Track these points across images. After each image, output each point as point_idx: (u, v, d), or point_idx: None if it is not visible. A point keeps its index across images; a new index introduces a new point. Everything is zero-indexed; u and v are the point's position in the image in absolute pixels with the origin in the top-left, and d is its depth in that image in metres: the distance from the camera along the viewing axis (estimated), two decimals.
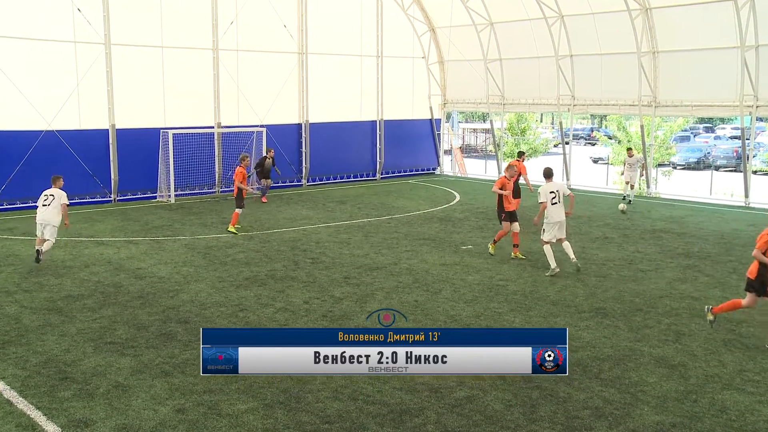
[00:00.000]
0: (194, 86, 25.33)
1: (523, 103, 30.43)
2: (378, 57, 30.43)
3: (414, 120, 32.36)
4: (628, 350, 9.87)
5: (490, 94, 30.80)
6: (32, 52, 22.03)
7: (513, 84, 30.22)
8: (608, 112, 31.64)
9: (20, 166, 21.97)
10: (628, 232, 18.71)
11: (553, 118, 74.33)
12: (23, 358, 9.42)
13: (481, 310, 11.68)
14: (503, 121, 35.31)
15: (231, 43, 25.94)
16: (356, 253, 15.95)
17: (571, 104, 28.34)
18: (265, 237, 17.89)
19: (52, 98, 22.44)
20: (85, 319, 11.10)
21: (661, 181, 33.23)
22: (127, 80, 23.72)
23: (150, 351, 9.70)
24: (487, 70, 30.46)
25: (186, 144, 24.67)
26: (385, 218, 20.89)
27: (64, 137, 22.67)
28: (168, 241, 17.41)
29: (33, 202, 22.10)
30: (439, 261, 15.28)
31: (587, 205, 23.38)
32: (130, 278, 13.70)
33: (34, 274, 13.95)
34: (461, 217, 21.03)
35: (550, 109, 31.40)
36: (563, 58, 27.83)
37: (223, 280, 13.56)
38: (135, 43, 23.85)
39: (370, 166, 31.15)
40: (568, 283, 13.49)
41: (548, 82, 28.61)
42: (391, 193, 26.40)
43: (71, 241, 17.17)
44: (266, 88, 27.03)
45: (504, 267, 14.74)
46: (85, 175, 23.24)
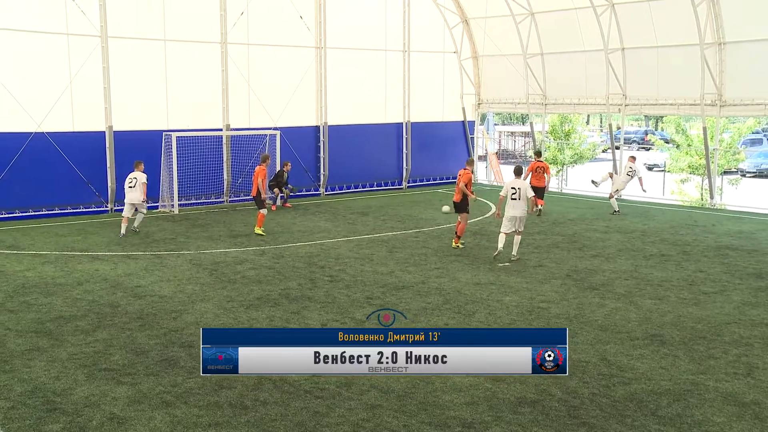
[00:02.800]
0: (200, 84, 25.54)
1: (568, 103, 30.29)
2: (404, 52, 30.49)
3: (444, 122, 32.34)
4: (690, 384, 9.69)
5: (530, 93, 30.70)
6: (19, 44, 22.29)
7: (556, 82, 30.10)
8: (665, 113, 31.29)
9: (5, 172, 22.22)
10: (688, 249, 18.49)
11: (602, 119, 73.88)
12: (7, 386, 9.47)
13: None
14: (545, 124, 35.14)
15: (241, 37, 26.13)
16: (380, 271, 15.91)
17: (622, 104, 28.14)
18: (278, 252, 17.91)
19: (42, 97, 22.68)
20: (78, 343, 11.16)
21: (728, 191, 32.78)
22: (126, 77, 23.95)
23: (149, 379, 9.71)
24: (527, 66, 30.37)
25: (191, 148, 24.84)
26: (412, 232, 20.84)
27: (55, 140, 22.91)
28: (171, 256, 17.50)
29: (21, 212, 22.53)
30: (472, 280, 15.19)
31: (641, 218, 23.15)
32: (128, 297, 13.76)
33: (20, 292, 14.08)
34: (497, 231, 20.84)
35: (598, 110, 31.18)
36: (613, 52, 27.65)
37: (232, 300, 13.59)
38: (135, 36, 24.09)
39: (395, 173, 31.14)
40: (619, 306, 13.33)
41: (596, 79, 28.44)
42: (419, 204, 26.35)
43: (62, 256, 17.33)
44: (280, 86, 27.18)
45: (545, 287, 14.62)
46: (79, 182, 23.48)
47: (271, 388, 9.28)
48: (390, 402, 8.96)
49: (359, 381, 9.48)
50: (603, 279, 15.30)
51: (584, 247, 18.60)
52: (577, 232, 20.75)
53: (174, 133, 24.11)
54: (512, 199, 16.64)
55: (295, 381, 9.47)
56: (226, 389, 9.25)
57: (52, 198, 23.12)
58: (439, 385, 9.42)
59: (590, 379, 9.74)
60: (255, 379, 9.49)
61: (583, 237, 20.05)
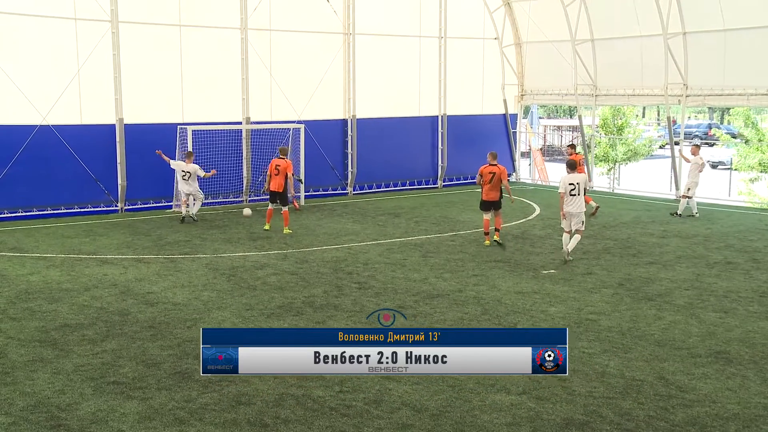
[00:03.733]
0: (218, 74, 25.72)
1: (621, 94, 30.03)
2: (441, 38, 30.46)
3: (484, 115, 32.26)
4: (762, 408, 9.51)
5: (579, 83, 30.49)
6: (23, 30, 22.55)
7: (608, 70, 29.87)
8: (732, 104, 30.89)
9: (7, 169, 22.51)
10: (758, 256, 18.21)
11: (659, 112, 73.33)
12: (8, 400, 9.56)
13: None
14: (595, 117, 34.90)
15: (263, 22, 26.28)
16: (412, 278, 15.88)
17: (682, 94, 27.81)
18: (302, 256, 17.96)
19: (48, 86, 22.96)
20: (84, 354, 11.24)
21: None
22: (138, 66, 24.20)
23: (162, 393, 9.76)
24: (576, 54, 30.17)
25: (208, 143, 25.00)
26: (448, 235, 20.79)
27: (61, 133, 23.18)
28: (185, 260, 17.62)
29: (24, 211, 22.82)
30: (513, 288, 15.10)
31: (704, 222, 22.86)
32: (139, 304, 13.86)
33: (23, 298, 14.24)
34: (542, 235, 20.79)
35: (656, 101, 30.90)
36: (674, 37, 27.33)
37: (252, 308, 13.63)
38: (147, 21, 24.33)
39: (429, 171, 31.12)
40: (679, 319, 13.15)
41: (653, 68, 28.15)
42: (456, 205, 26.28)
43: (69, 259, 17.52)
44: (305, 76, 27.29)
45: (595, 297, 14.48)
46: (87, 179, 23.74)
47: (293, 405, 9.28)
48: (423, 421, 8.91)
49: (389, 398, 9.45)
50: (660, 289, 15.12)
51: (639, 253, 18.40)
52: (631, 237, 20.56)
53: (189, 126, 24.24)
54: (571, 195, 17.15)
55: (320, 397, 9.47)
56: (245, 405, 9.27)
57: (57, 196, 23.40)
58: (477, 403, 9.35)
59: (646, 400, 9.60)
60: (276, 395, 9.50)
61: (638, 242, 19.84)
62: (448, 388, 9.77)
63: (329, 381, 9.93)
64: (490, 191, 18.93)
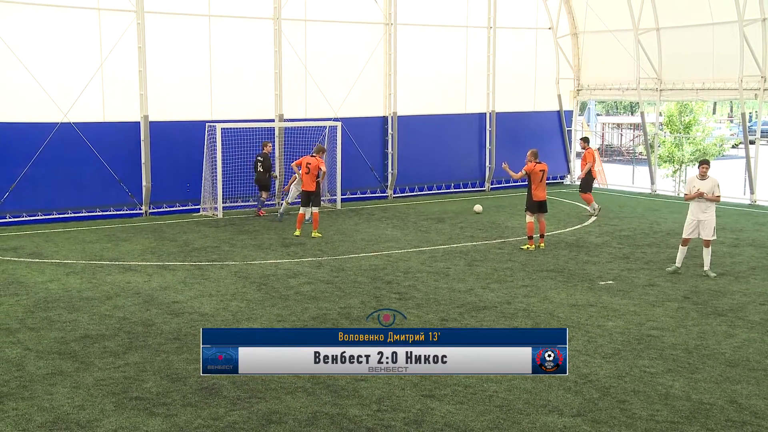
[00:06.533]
0: (250, 67, 25.91)
1: (689, 88, 29.68)
2: (489, 28, 30.40)
3: (536, 112, 32.13)
4: None
5: (642, 77, 30.21)
6: (43, 22, 22.85)
7: (674, 62, 29.56)
8: None
9: (26, 169, 22.80)
10: None
11: (732, 108, 72.30)
12: (25, 416, 9.70)
13: (625, 368, 11.36)
14: (659, 114, 34.53)
15: (297, 11, 26.42)
16: (457, 288, 15.86)
17: (759, 88, 27.37)
18: (337, 264, 18.02)
19: (69, 81, 23.26)
20: (106, 367, 11.37)
21: None
22: (165, 59, 24.47)
23: (187, 410, 9.85)
24: (639, 44, 29.91)
25: (238, 142, 25.16)
26: (496, 242, 20.72)
27: (83, 131, 23.46)
28: (213, 267, 17.77)
29: (44, 214, 23.13)
30: (567, 300, 15.01)
31: None
32: (163, 315, 14.00)
33: (42, 307, 14.45)
34: (599, 243, 20.63)
35: (729, 96, 30.52)
36: (751, 24, 26.91)
37: (283, 319, 13.70)
38: (174, 11, 24.57)
39: (476, 172, 31.06)
40: (753, 336, 12.97)
41: (726, 59, 27.74)
42: (504, 209, 26.19)
43: (90, 266, 17.76)
44: (342, 69, 27.40)
45: (657, 311, 14.34)
46: (110, 180, 24.01)
47: (327, 424, 9.31)
48: None
49: (431, 418, 9.45)
50: (732, 303, 14.92)
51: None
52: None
53: (219, 124, 24.39)
54: (698, 201, 17.14)
55: (356, 416, 9.49)
56: (275, 424, 9.32)
57: (78, 198, 23.69)
58: (526, 425, 9.31)
59: (716, 426, 9.48)
60: (309, 413, 9.55)
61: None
62: (495, 408, 9.75)
63: (366, 399, 9.97)
64: (540, 191, 19.40)
